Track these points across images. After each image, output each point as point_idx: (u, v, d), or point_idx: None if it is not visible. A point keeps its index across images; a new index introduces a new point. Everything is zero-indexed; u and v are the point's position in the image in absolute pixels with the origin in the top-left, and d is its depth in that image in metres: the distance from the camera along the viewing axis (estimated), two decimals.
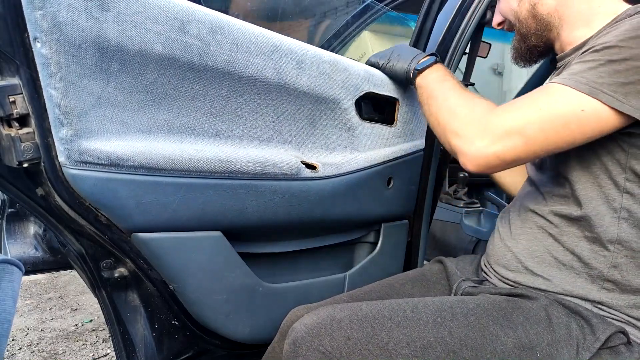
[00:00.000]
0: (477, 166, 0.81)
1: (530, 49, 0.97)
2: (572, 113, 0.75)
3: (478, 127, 0.82)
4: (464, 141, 0.82)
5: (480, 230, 1.95)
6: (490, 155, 0.79)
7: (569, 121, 0.76)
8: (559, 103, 0.77)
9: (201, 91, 0.86)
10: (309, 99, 1.00)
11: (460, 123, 0.85)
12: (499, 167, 0.82)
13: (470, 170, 0.82)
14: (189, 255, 0.91)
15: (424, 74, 1.01)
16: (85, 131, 0.75)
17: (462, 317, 0.81)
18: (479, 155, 0.80)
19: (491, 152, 0.79)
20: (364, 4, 2.14)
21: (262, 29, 0.90)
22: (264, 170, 0.95)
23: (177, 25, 0.79)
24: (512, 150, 0.78)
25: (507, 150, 0.78)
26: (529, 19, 0.95)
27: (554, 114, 0.76)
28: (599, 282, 0.84)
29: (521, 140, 0.78)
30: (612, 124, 0.75)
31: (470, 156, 0.81)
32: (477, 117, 0.83)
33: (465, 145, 0.82)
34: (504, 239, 0.98)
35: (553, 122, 0.76)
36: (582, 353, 0.79)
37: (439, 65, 1.01)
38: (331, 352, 0.76)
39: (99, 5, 0.71)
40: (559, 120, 0.76)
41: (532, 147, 0.78)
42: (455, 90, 0.92)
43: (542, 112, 0.77)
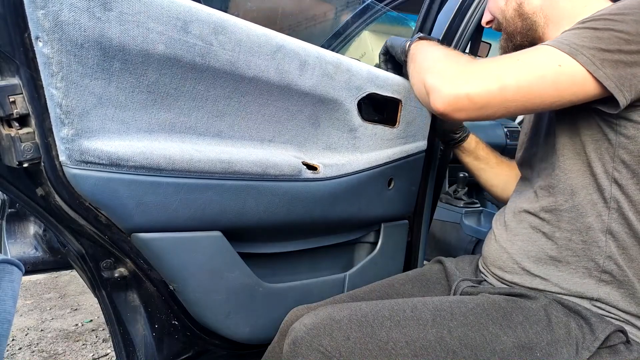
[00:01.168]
0: (446, 104, 0.79)
1: (516, 48, 0.96)
2: (548, 67, 0.75)
3: (456, 69, 0.82)
4: (439, 79, 0.81)
5: (480, 230, 1.95)
6: (461, 94, 0.77)
7: (544, 74, 0.76)
8: (537, 57, 0.78)
9: (203, 91, 0.86)
10: (311, 99, 0.99)
11: (440, 66, 0.84)
12: (468, 110, 0.79)
13: (439, 109, 0.80)
14: (189, 255, 0.91)
15: (420, 42, 1.01)
16: (87, 131, 0.75)
17: (462, 316, 0.81)
18: (450, 93, 0.78)
19: (463, 91, 0.77)
20: (364, 4, 2.14)
21: (264, 29, 0.90)
22: (265, 171, 0.95)
23: (180, 25, 0.79)
24: (485, 93, 0.77)
25: (479, 91, 0.77)
26: (516, 18, 0.95)
27: (531, 65, 0.77)
28: (596, 274, 0.84)
29: (495, 85, 0.76)
30: (586, 90, 0.75)
31: (442, 93, 0.79)
32: (459, 63, 0.84)
33: (438, 82, 0.81)
34: (499, 240, 0.98)
35: (529, 73, 0.76)
36: (582, 352, 0.79)
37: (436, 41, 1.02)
38: (331, 352, 0.76)
39: (101, 5, 0.71)
40: (534, 71, 0.76)
41: (505, 95, 0.77)
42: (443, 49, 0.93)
43: (520, 62, 0.78)
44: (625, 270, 0.82)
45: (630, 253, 0.82)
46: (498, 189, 1.22)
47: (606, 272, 0.83)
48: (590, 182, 0.83)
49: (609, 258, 0.83)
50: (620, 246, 0.82)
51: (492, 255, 0.98)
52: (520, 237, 0.93)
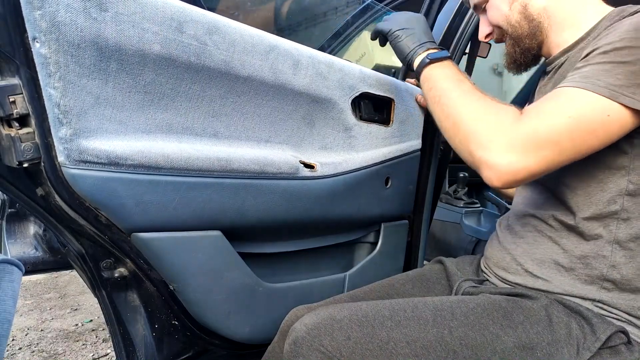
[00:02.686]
0: (506, 182, 0.76)
1: (523, 52, 0.95)
2: (598, 119, 0.73)
3: (506, 138, 0.76)
4: (491, 154, 0.76)
5: (480, 230, 1.95)
6: (520, 169, 0.74)
7: (596, 127, 0.74)
8: (585, 109, 0.74)
9: (199, 91, 0.86)
10: (306, 99, 1.00)
11: (486, 132, 0.78)
12: (526, 181, 0.77)
13: (496, 186, 0.77)
14: (189, 255, 0.91)
15: (433, 66, 0.93)
16: (85, 130, 0.75)
17: (462, 316, 0.81)
18: (509, 170, 0.75)
19: (522, 166, 0.74)
20: (364, 4, 2.14)
21: (257, 30, 0.91)
22: (263, 169, 0.96)
23: (174, 26, 0.79)
24: (544, 162, 0.74)
25: (539, 162, 0.74)
26: (522, 21, 0.93)
27: (582, 121, 0.74)
28: (598, 282, 0.84)
29: (553, 152, 0.74)
30: (633, 124, 0.75)
31: (499, 170, 0.75)
32: (503, 125, 0.77)
33: (492, 158, 0.76)
34: (502, 242, 0.98)
35: (582, 130, 0.74)
36: (583, 353, 0.79)
37: (451, 62, 0.95)
38: (331, 351, 0.76)
39: (97, 6, 0.72)
40: (587, 127, 0.74)
41: (562, 157, 0.75)
42: (474, 93, 0.85)
43: (571, 120, 0.74)
44: (628, 279, 0.82)
45: (638, 260, 0.82)
46: None
47: (609, 280, 0.83)
48: (601, 197, 0.82)
49: (612, 267, 0.83)
50: (627, 255, 0.82)
51: (495, 256, 0.98)
52: (524, 240, 0.93)
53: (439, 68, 0.93)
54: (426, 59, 0.94)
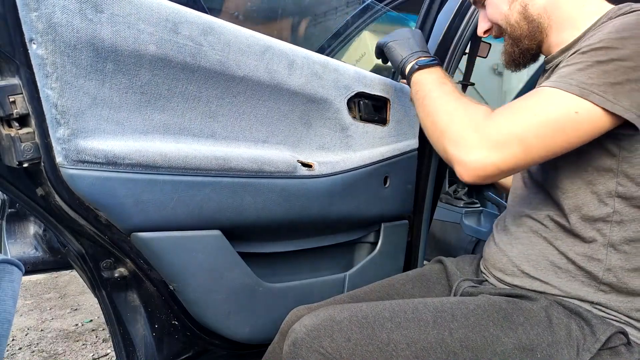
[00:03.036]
0: (475, 177, 0.79)
1: (523, 52, 0.95)
2: (566, 116, 0.74)
3: (475, 135, 0.79)
4: (461, 150, 0.79)
5: (480, 230, 1.96)
6: (488, 165, 0.77)
7: (564, 125, 0.75)
8: (553, 107, 0.76)
9: (195, 92, 0.87)
10: (302, 99, 1.00)
11: (457, 129, 0.82)
12: (496, 177, 0.80)
13: (467, 180, 0.80)
14: (189, 254, 0.91)
15: (422, 72, 0.98)
16: (82, 131, 0.75)
17: (463, 318, 0.81)
18: (477, 166, 0.78)
19: (489, 162, 0.77)
20: (364, 4, 2.14)
21: (252, 31, 0.92)
22: (261, 168, 0.96)
23: (169, 27, 0.80)
24: (511, 159, 0.77)
25: (506, 159, 0.77)
26: (521, 22, 0.93)
27: (550, 119, 0.75)
28: (595, 284, 0.84)
29: (520, 149, 0.76)
30: (604, 124, 0.75)
31: (468, 166, 0.79)
32: (474, 123, 0.80)
33: (462, 154, 0.79)
34: (498, 243, 0.98)
35: (549, 127, 0.75)
36: (583, 354, 0.79)
37: (440, 68, 0.99)
38: (331, 353, 0.76)
39: (93, 7, 0.72)
40: (555, 124, 0.75)
41: (531, 155, 0.77)
42: (453, 94, 0.89)
43: (538, 117, 0.76)
44: (624, 281, 0.82)
45: (633, 263, 0.82)
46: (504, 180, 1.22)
47: (605, 283, 0.83)
48: (592, 199, 0.83)
49: (608, 271, 0.82)
50: (622, 258, 0.82)
51: (492, 257, 0.98)
52: (520, 241, 0.93)
53: (426, 73, 0.97)
54: (415, 65, 0.99)
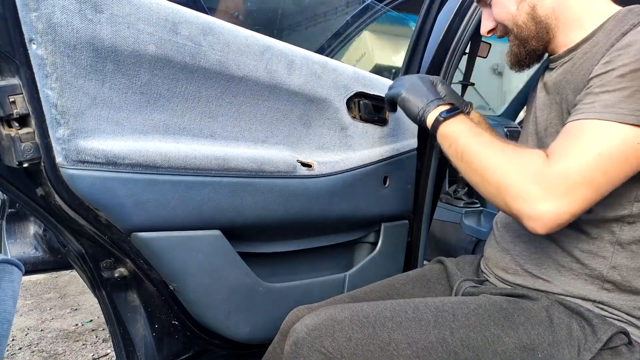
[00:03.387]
0: (550, 228, 0.75)
1: (529, 53, 0.94)
2: (630, 148, 0.73)
3: (539, 186, 0.74)
4: (529, 205, 0.75)
5: (480, 230, 1.96)
6: (561, 214, 0.74)
7: (628, 157, 0.73)
8: (613, 142, 0.73)
9: (195, 92, 0.87)
10: (301, 99, 1.00)
11: (517, 183, 0.76)
12: (570, 222, 0.76)
13: (542, 233, 0.76)
14: (189, 254, 0.91)
15: (449, 123, 0.90)
16: (82, 131, 0.75)
17: (464, 317, 0.81)
18: (551, 217, 0.74)
19: (562, 211, 0.73)
20: (364, 4, 2.14)
21: (251, 31, 0.92)
22: (261, 168, 0.96)
23: (169, 27, 0.80)
24: (582, 202, 0.74)
25: (577, 204, 0.74)
26: (529, 22, 0.91)
27: (614, 155, 0.73)
28: (598, 282, 0.84)
29: (589, 191, 0.73)
30: None
31: (540, 220, 0.74)
32: (533, 173, 0.76)
33: (530, 209, 0.75)
34: (500, 242, 0.98)
35: (614, 163, 0.73)
36: (584, 353, 0.79)
37: (464, 116, 0.92)
38: (332, 353, 0.76)
39: (93, 7, 0.72)
40: (619, 159, 0.73)
41: (600, 192, 0.75)
42: (495, 144, 0.83)
43: (601, 156, 0.73)
44: (628, 280, 0.82)
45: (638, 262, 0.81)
46: None
47: (609, 281, 0.83)
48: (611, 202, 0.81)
49: (613, 268, 0.82)
50: (628, 257, 0.82)
51: (494, 256, 0.98)
52: (522, 239, 0.93)
53: (454, 124, 0.90)
54: (440, 117, 0.92)
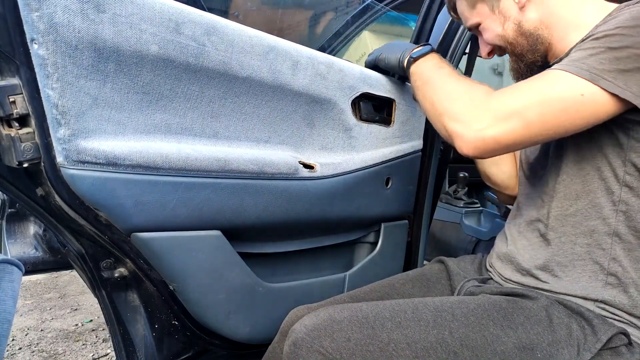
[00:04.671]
0: (475, 149, 0.79)
1: (529, 66, 0.96)
2: (571, 97, 0.75)
3: (477, 110, 0.80)
4: (462, 124, 0.80)
5: (480, 230, 1.96)
6: (488, 138, 0.77)
7: (568, 105, 0.75)
8: (559, 87, 0.76)
9: (197, 92, 0.86)
10: (306, 99, 1.00)
11: (458, 106, 0.83)
12: (496, 152, 0.80)
13: (467, 154, 0.80)
14: (189, 254, 0.91)
15: (419, 62, 0.98)
16: (83, 131, 0.75)
17: (463, 317, 0.81)
18: (477, 138, 0.78)
19: (489, 135, 0.77)
20: (364, 4, 2.14)
21: (256, 30, 0.91)
22: (262, 170, 0.96)
23: (172, 27, 0.79)
24: (511, 133, 0.77)
25: (506, 133, 0.77)
26: (519, 38, 0.93)
27: (554, 98, 0.76)
28: (602, 277, 0.84)
29: (520, 123, 0.76)
30: (610, 109, 0.75)
31: (468, 139, 0.79)
32: (476, 100, 0.81)
33: (462, 128, 0.80)
34: (510, 247, 0.98)
35: (552, 106, 0.76)
36: (583, 353, 0.79)
37: (435, 54, 0.99)
38: (332, 353, 0.76)
39: (95, 7, 0.72)
40: (558, 104, 0.76)
41: (531, 131, 0.77)
42: (452, 76, 0.90)
43: (542, 95, 0.77)
44: (629, 272, 0.82)
45: (636, 254, 0.82)
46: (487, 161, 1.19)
47: (612, 274, 0.83)
48: (599, 186, 0.83)
49: (613, 260, 0.83)
50: (626, 248, 0.82)
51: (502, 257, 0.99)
52: (531, 247, 0.94)
53: (423, 62, 0.98)
54: (410, 58, 1.00)
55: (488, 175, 1.20)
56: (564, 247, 0.87)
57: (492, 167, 1.18)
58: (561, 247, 0.88)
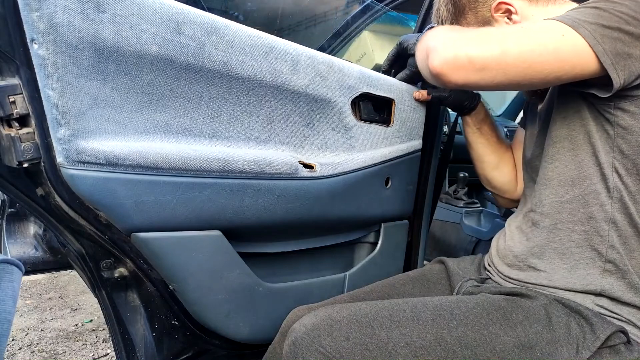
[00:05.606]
0: (444, 62, 0.79)
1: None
2: (551, 35, 0.76)
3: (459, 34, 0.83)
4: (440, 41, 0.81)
5: (480, 230, 1.96)
6: (460, 53, 0.77)
7: (546, 42, 0.76)
8: (541, 26, 0.78)
9: (197, 92, 0.86)
10: (305, 99, 1.00)
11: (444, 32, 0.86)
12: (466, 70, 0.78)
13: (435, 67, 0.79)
14: (189, 254, 0.91)
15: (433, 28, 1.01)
16: (83, 131, 0.75)
17: (462, 316, 0.81)
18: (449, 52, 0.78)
19: (463, 51, 0.77)
20: (364, 4, 2.14)
21: (256, 30, 0.91)
22: (262, 170, 0.96)
23: (172, 27, 0.79)
24: (486, 54, 0.77)
25: (480, 52, 0.77)
26: None
27: (534, 33, 0.77)
28: (600, 264, 0.84)
29: (497, 48, 0.76)
30: (584, 63, 0.75)
31: (441, 52, 0.79)
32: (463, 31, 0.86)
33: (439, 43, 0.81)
34: (508, 242, 0.99)
35: (531, 39, 0.77)
36: (582, 352, 0.79)
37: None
38: (331, 352, 0.76)
39: (95, 7, 0.72)
40: (537, 38, 0.76)
41: (506, 59, 0.76)
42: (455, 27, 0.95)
43: (523, 30, 0.80)
44: (626, 260, 0.83)
45: (631, 243, 0.82)
46: (490, 166, 1.19)
47: (610, 261, 0.84)
48: (595, 172, 0.84)
49: (611, 247, 0.83)
50: (622, 235, 0.83)
51: (500, 253, 1.00)
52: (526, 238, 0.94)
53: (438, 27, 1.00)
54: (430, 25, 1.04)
55: (489, 179, 1.20)
56: (561, 234, 0.88)
57: (494, 171, 1.18)
58: (557, 234, 0.88)
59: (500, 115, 3.26)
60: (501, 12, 0.94)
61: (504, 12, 0.94)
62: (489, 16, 0.95)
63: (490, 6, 0.94)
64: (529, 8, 0.92)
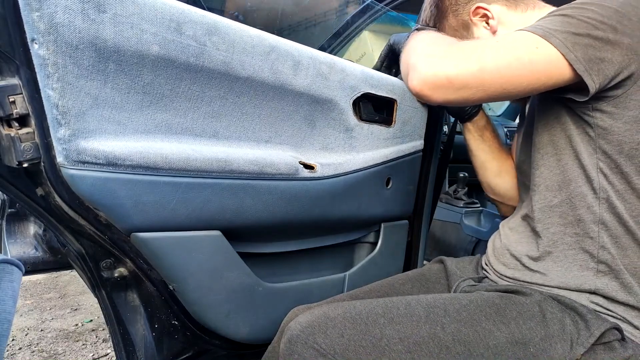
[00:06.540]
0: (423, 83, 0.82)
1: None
2: (525, 49, 0.78)
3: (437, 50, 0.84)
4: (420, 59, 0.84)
5: (480, 230, 1.96)
6: (440, 73, 0.80)
7: (521, 56, 0.78)
8: (515, 40, 0.80)
9: (198, 92, 0.86)
10: (307, 99, 1.00)
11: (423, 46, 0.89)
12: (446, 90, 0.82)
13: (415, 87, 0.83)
14: (189, 254, 0.91)
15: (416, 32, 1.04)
16: (83, 131, 0.75)
17: (455, 313, 0.82)
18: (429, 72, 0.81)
19: (442, 71, 0.80)
20: (364, 4, 2.14)
21: (258, 30, 0.91)
22: (262, 170, 0.96)
23: (173, 27, 0.79)
24: (464, 73, 0.79)
25: (458, 72, 0.79)
26: None
27: (509, 48, 0.79)
28: (592, 265, 0.85)
29: (474, 66, 0.79)
30: (559, 73, 0.77)
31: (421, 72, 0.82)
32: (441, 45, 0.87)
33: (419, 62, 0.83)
34: (504, 240, 1.00)
35: (507, 55, 0.79)
36: (576, 348, 0.79)
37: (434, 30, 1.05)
38: (325, 349, 0.76)
39: (96, 7, 0.72)
40: (512, 53, 0.79)
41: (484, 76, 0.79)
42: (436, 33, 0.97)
43: (499, 45, 0.81)
44: (617, 260, 0.83)
45: (622, 242, 0.83)
46: (493, 173, 1.19)
47: (602, 262, 0.84)
48: (579, 174, 0.85)
49: (602, 248, 0.84)
50: (613, 235, 0.83)
51: (496, 252, 1.00)
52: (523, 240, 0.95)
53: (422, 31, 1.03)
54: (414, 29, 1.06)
55: (492, 186, 1.20)
56: (554, 238, 0.88)
57: (496, 178, 1.19)
58: (551, 237, 0.89)
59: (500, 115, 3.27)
60: (479, 16, 0.97)
61: (481, 16, 0.96)
62: (467, 19, 0.97)
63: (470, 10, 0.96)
64: (507, 14, 0.94)
